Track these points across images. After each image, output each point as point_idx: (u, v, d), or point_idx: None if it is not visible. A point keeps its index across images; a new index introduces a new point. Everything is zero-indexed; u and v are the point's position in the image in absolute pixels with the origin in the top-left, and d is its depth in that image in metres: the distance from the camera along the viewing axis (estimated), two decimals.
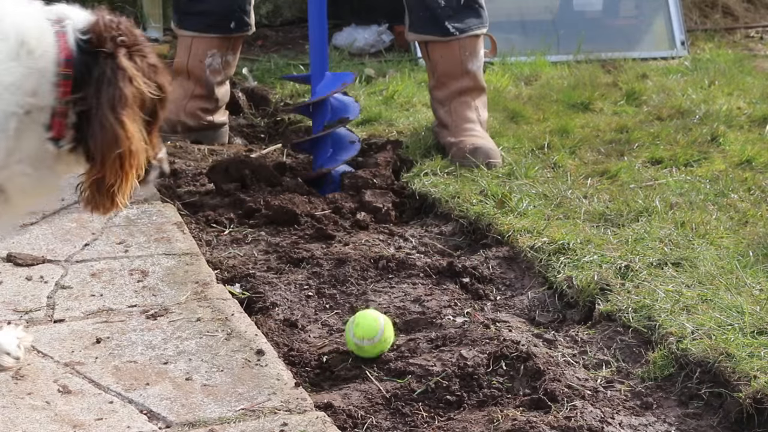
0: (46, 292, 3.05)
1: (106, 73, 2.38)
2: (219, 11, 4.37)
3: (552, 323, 3.12)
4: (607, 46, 5.84)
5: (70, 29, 2.40)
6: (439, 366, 2.79)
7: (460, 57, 4.26)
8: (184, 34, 4.45)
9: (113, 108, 2.36)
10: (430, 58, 4.31)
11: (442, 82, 4.29)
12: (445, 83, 4.28)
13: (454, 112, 4.27)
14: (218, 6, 4.37)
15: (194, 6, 4.38)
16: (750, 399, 2.57)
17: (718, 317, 2.88)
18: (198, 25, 4.39)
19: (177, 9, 4.50)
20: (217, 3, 4.37)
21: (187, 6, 4.40)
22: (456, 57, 4.26)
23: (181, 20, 4.45)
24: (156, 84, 2.46)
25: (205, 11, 4.36)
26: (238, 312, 2.96)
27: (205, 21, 4.38)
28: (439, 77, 4.29)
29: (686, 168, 4.11)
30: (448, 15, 4.23)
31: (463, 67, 4.26)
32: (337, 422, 2.56)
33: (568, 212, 3.65)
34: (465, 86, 4.27)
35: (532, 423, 2.53)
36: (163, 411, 2.49)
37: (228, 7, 4.38)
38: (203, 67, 4.41)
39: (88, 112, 2.37)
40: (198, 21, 4.39)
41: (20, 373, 2.63)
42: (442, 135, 4.27)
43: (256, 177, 3.96)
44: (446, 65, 4.27)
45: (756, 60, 5.86)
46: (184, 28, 4.44)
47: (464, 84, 4.27)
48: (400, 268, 3.37)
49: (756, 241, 3.37)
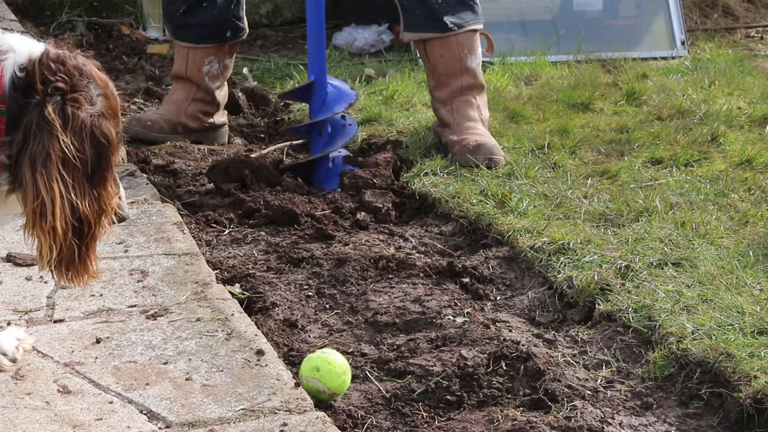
0: (46, 292, 3.05)
1: (32, 124, 2.20)
2: (213, 23, 4.37)
3: (552, 323, 3.12)
4: (607, 46, 5.84)
5: (11, 63, 2.23)
6: (439, 366, 2.79)
7: (459, 54, 4.26)
8: (180, 44, 4.46)
9: (33, 165, 2.18)
10: (429, 58, 4.31)
11: (442, 82, 4.29)
12: (445, 82, 4.28)
13: (456, 111, 4.27)
14: (212, 19, 4.36)
15: (188, 20, 4.38)
16: (750, 399, 2.57)
17: (718, 317, 2.88)
18: (193, 36, 4.40)
19: (170, 21, 4.49)
20: (211, 16, 4.35)
21: (181, 20, 4.39)
22: (455, 54, 4.26)
23: (176, 32, 4.45)
24: (98, 134, 2.26)
25: (200, 24, 4.37)
26: (238, 312, 2.96)
27: (201, 33, 4.39)
28: (440, 77, 4.29)
29: (686, 168, 4.11)
30: (445, 10, 4.23)
31: (462, 65, 4.27)
32: (337, 422, 2.56)
33: (568, 212, 3.65)
34: (466, 84, 4.27)
35: (532, 423, 2.53)
36: (163, 411, 2.49)
37: (221, 18, 4.37)
38: (201, 75, 4.43)
39: (17, 158, 2.21)
40: (193, 33, 4.39)
41: (20, 373, 2.62)
42: (444, 134, 4.27)
43: (256, 177, 3.96)
44: (446, 64, 4.27)
45: (756, 60, 5.85)
46: (179, 39, 4.44)
47: (465, 82, 4.27)
48: (400, 268, 3.37)
49: (756, 241, 3.37)
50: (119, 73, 5.40)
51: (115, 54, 5.66)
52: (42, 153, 2.19)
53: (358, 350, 2.94)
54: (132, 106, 4.89)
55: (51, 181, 2.20)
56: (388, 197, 3.88)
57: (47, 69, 2.24)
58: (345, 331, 3.06)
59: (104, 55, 5.61)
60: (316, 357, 2.69)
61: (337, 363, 2.67)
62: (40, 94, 2.22)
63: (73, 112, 2.23)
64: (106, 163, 2.30)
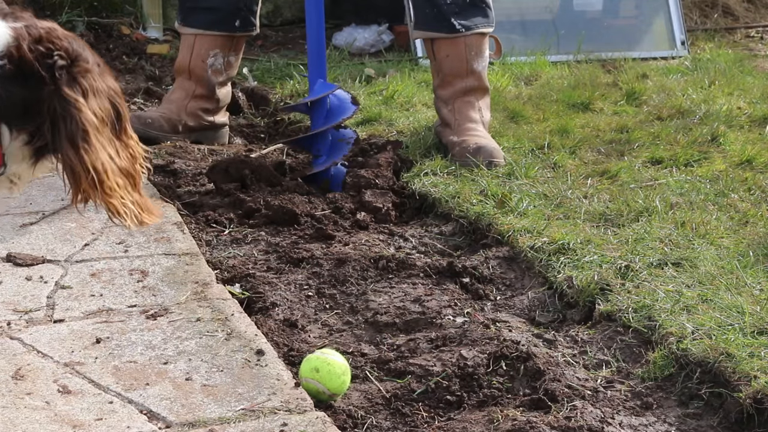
0: (46, 292, 3.05)
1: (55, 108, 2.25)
2: (226, 8, 4.38)
3: (552, 323, 3.12)
4: (607, 46, 5.84)
5: None
6: (439, 366, 2.79)
7: (466, 56, 4.27)
8: (187, 31, 4.45)
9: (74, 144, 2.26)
10: (436, 57, 4.31)
11: (447, 81, 4.30)
12: (450, 82, 4.29)
13: (457, 112, 4.27)
14: (226, 3, 4.38)
15: (201, 1, 4.38)
16: (750, 399, 2.57)
17: (718, 317, 2.88)
18: (203, 21, 4.39)
19: (182, 6, 4.49)
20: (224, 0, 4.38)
21: (194, 1, 4.40)
22: (462, 56, 4.27)
23: (186, 17, 4.45)
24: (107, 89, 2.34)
25: (213, 7, 4.37)
26: (238, 312, 2.96)
27: (211, 17, 4.38)
28: (445, 76, 4.30)
29: (686, 168, 4.11)
30: (454, 12, 4.24)
31: (468, 66, 4.27)
32: (337, 422, 2.56)
33: (568, 212, 3.65)
34: (470, 86, 4.28)
35: (532, 423, 2.53)
36: (163, 411, 2.49)
37: (235, 4, 4.39)
38: (205, 66, 4.42)
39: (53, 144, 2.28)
40: (204, 17, 4.39)
41: (20, 373, 2.63)
42: (444, 134, 4.27)
43: (256, 177, 3.96)
44: (452, 64, 4.28)
45: (756, 60, 5.85)
46: (189, 25, 4.43)
47: (469, 83, 4.28)
48: (400, 268, 3.37)
49: (756, 241, 3.37)
50: (119, 73, 5.40)
51: (115, 54, 5.66)
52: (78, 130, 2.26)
53: (358, 350, 2.94)
54: (132, 106, 4.89)
55: (95, 151, 2.29)
56: (388, 197, 3.88)
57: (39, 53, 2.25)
58: (345, 331, 3.06)
59: (104, 55, 5.60)
60: (315, 358, 2.68)
61: (337, 363, 2.67)
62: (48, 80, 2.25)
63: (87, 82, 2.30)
64: (123, 113, 2.41)
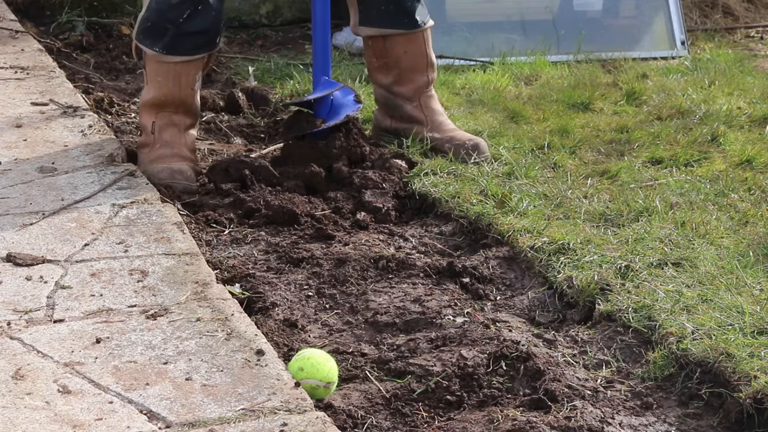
0: (46, 292, 3.05)
1: None
2: (211, 29, 4.05)
3: (552, 323, 3.12)
4: (607, 46, 5.83)
5: None
6: (439, 366, 2.79)
7: (425, 49, 4.26)
8: (173, 60, 4.02)
9: None
10: (390, 54, 4.25)
11: (407, 78, 4.26)
12: (410, 78, 4.26)
13: (425, 107, 4.27)
14: (210, 23, 4.04)
15: (189, 26, 4.00)
16: (750, 399, 2.57)
17: (718, 317, 2.88)
18: (192, 46, 4.03)
19: (158, 36, 4.01)
20: (209, 20, 4.03)
21: (181, 27, 4.00)
22: (422, 50, 4.25)
23: (173, 46, 4.01)
24: None
25: (202, 30, 4.02)
26: (238, 312, 2.96)
27: (199, 41, 4.03)
28: (403, 72, 4.25)
29: (686, 168, 4.11)
30: (414, 7, 4.22)
31: (429, 60, 4.27)
32: (337, 422, 2.56)
33: (568, 212, 3.65)
34: (431, 78, 4.29)
35: (532, 423, 2.53)
36: (163, 411, 2.49)
37: (218, 22, 4.09)
38: (194, 93, 4.08)
39: None
40: (193, 42, 4.02)
41: (20, 373, 2.63)
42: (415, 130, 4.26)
43: (256, 177, 3.96)
44: (413, 60, 4.24)
45: (756, 60, 5.85)
46: (175, 53, 4.02)
47: (430, 76, 4.29)
48: (400, 268, 3.37)
49: (756, 241, 3.37)
50: (119, 73, 5.39)
51: (115, 54, 5.65)
52: None
53: (358, 350, 2.94)
54: (132, 106, 4.88)
55: None
56: (388, 197, 3.88)
57: None
58: (345, 331, 3.06)
59: (104, 55, 5.60)
60: (294, 361, 2.73)
61: (316, 355, 2.71)
62: None
63: None
64: None
